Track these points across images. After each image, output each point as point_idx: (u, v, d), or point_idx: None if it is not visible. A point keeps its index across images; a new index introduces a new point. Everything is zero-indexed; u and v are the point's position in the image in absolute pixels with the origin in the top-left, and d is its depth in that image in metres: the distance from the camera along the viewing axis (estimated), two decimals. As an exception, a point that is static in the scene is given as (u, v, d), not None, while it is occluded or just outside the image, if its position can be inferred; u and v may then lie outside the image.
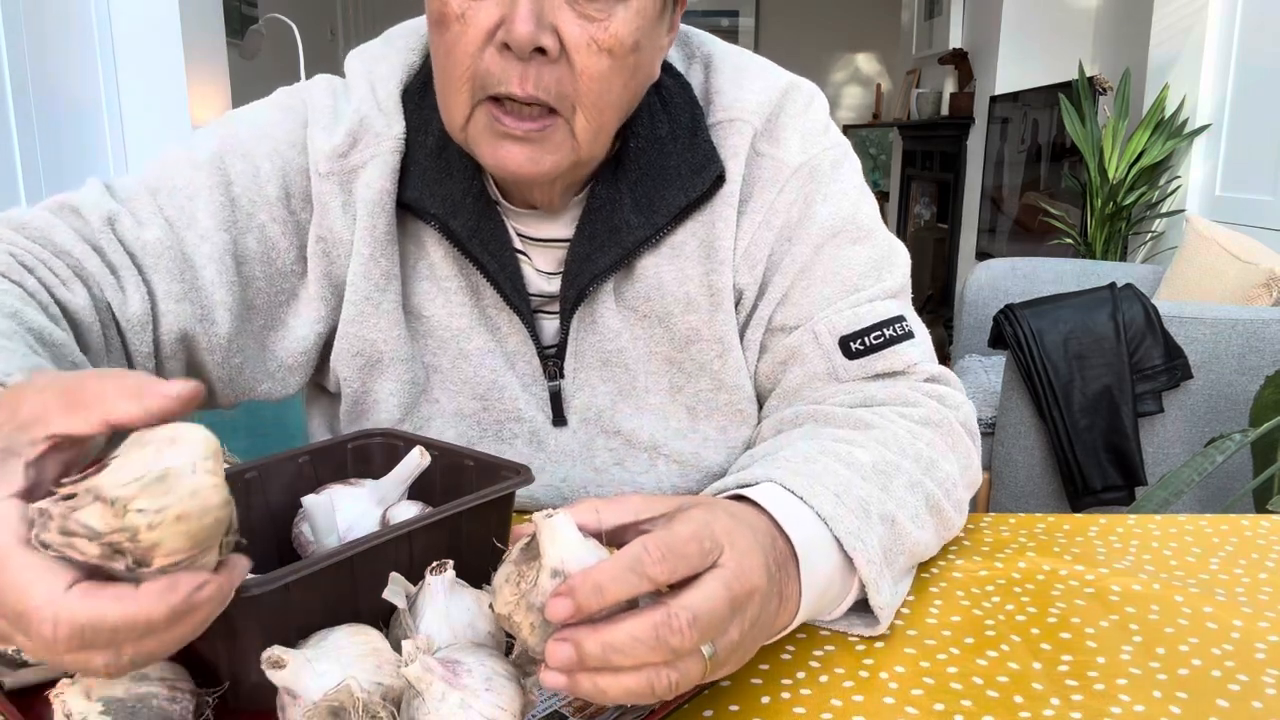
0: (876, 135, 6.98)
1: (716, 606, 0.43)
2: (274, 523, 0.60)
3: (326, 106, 0.75)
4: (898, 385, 0.73)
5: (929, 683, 0.52)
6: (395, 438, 0.65)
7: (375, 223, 0.73)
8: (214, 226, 0.72)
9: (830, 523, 0.55)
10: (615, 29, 0.63)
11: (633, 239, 0.72)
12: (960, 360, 2.67)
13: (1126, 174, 2.93)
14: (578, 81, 0.63)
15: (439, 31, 0.65)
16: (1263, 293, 2.05)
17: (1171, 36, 2.97)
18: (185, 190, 0.72)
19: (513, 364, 0.77)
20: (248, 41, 3.20)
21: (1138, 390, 1.88)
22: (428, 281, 0.76)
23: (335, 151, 0.73)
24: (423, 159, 0.73)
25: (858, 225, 0.75)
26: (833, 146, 0.77)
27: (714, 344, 0.75)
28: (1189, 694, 0.51)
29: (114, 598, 0.36)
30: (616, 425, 0.78)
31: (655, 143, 0.73)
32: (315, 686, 0.42)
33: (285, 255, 0.75)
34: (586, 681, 0.42)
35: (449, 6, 0.63)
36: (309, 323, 0.76)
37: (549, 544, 0.44)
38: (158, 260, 0.70)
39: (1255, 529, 0.74)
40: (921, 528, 0.62)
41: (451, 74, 0.65)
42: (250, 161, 0.74)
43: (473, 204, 0.73)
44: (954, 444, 0.70)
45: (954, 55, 4.57)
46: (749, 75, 0.76)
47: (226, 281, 0.72)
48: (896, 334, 0.73)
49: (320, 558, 0.47)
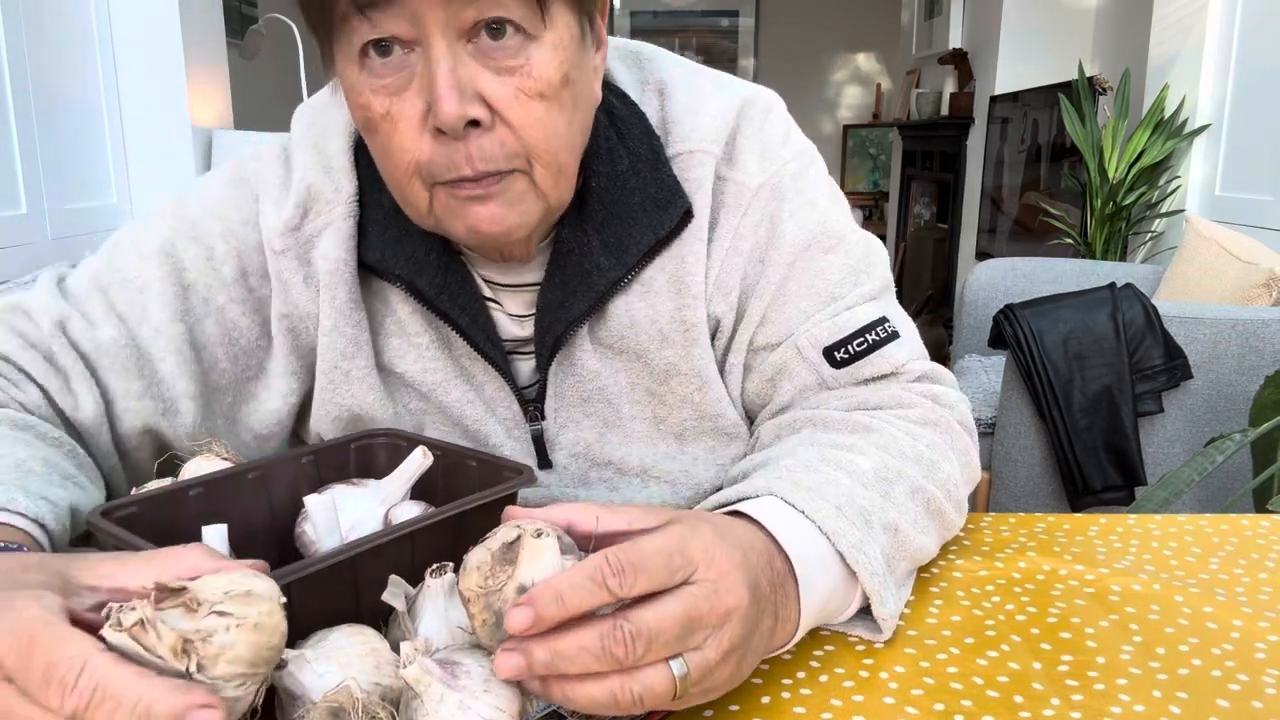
0: (876, 135, 6.98)
1: (665, 623, 0.43)
2: (276, 522, 0.60)
3: (276, 179, 0.74)
4: (890, 387, 0.72)
5: (929, 683, 0.52)
6: (398, 438, 0.65)
7: (335, 293, 0.72)
8: (168, 318, 0.71)
9: (833, 538, 0.55)
10: (538, 72, 0.60)
11: (604, 281, 0.71)
12: (960, 360, 2.67)
13: (1126, 174, 2.93)
14: (521, 137, 0.61)
15: (370, 135, 0.63)
16: (1263, 293, 2.05)
17: (1171, 36, 2.97)
18: (136, 283, 0.72)
19: (493, 410, 0.76)
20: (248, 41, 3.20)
21: (1138, 390, 1.88)
22: (398, 338, 0.75)
23: (287, 226, 0.72)
24: (380, 217, 0.72)
25: (828, 234, 0.74)
26: (793, 158, 0.75)
27: (692, 378, 0.74)
28: (1189, 694, 0.51)
29: (136, 673, 0.36)
30: (606, 456, 0.77)
31: (616, 179, 0.71)
32: (314, 687, 0.42)
33: (248, 333, 0.74)
34: (555, 689, 0.43)
35: (371, 110, 0.61)
36: (280, 395, 0.76)
37: (527, 560, 0.44)
38: (113, 360, 0.70)
39: (1255, 529, 0.74)
40: (923, 533, 0.62)
41: (397, 172, 0.63)
42: (203, 245, 0.73)
43: (437, 258, 0.71)
44: (953, 441, 0.70)
45: (954, 55, 4.57)
46: (703, 99, 0.74)
47: (187, 372, 0.72)
48: (880, 337, 0.73)
49: (321, 558, 0.47)
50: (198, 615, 0.38)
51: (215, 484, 0.58)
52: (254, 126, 3.06)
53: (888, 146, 6.86)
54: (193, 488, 0.57)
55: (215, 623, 0.37)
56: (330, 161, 0.72)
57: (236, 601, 0.38)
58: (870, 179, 7.07)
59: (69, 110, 2.33)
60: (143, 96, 2.55)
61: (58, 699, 0.35)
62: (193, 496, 0.57)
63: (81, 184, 2.39)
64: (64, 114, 2.30)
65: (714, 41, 6.96)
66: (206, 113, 2.69)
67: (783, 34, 6.91)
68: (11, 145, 2.08)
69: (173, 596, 0.38)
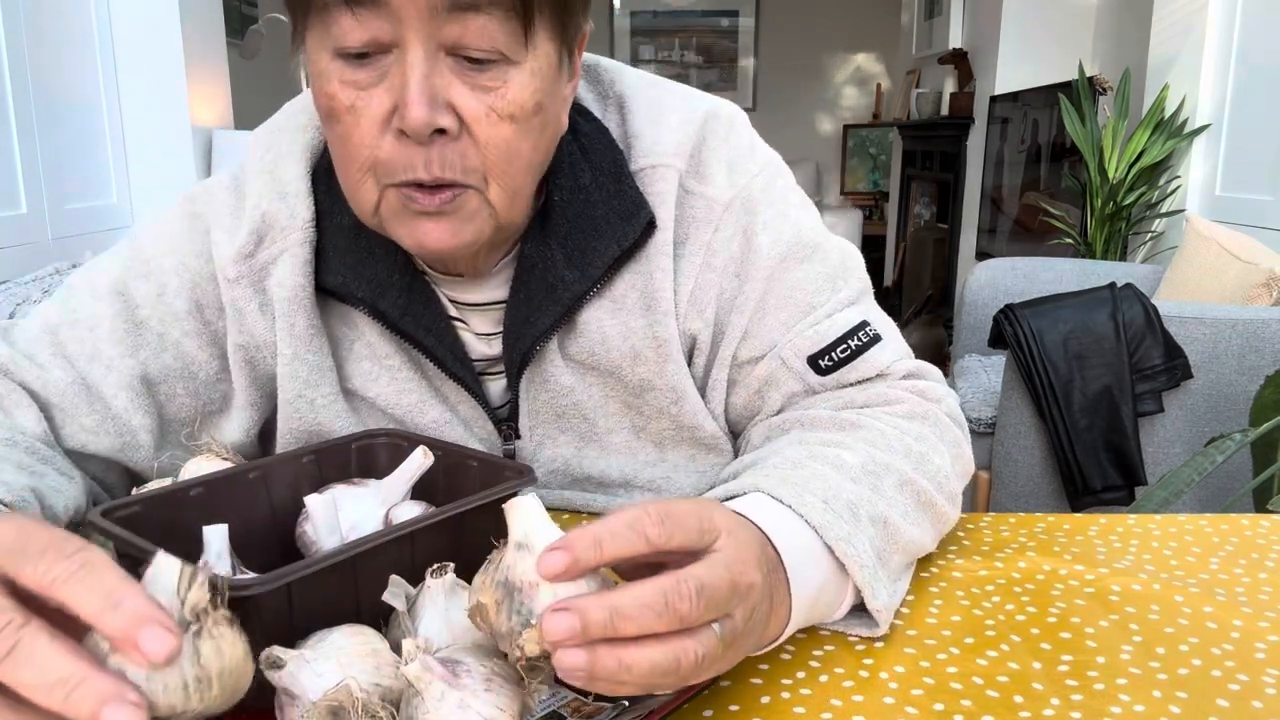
0: (876, 135, 6.98)
1: (720, 582, 0.43)
2: (277, 522, 0.60)
3: (226, 207, 0.73)
4: (876, 386, 0.73)
5: (929, 683, 0.52)
6: (399, 438, 0.65)
7: (294, 321, 0.71)
8: (119, 354, 0.71)
9: (820, 530, 0.55)
10: (513, 95, 0.60)
11: (569, 294, 0.70)
12: (960, 360, 2.67)
13: (1126, 174, 2.93)
14: (484, 153, 0.61)
15: (330, 124, 0.62)
16: (1263, 293, 2.05)
17: (1171, 36, 2.97)
18: (87, 322, 0.72)
19: (471, 430, 0.76)
20: (248, 41, 3.20)
21: (1138, 390, 1.88)
22: (368, 361, 0.74)
23: (240, 253, 0.71)
24: (341, 241, 0.71)
25: (802, 243, 0.73)
26: (761, 170, 0.74)
27: (667, 392, 0.74)
28: (1189, 694, 0.51)
29: (124, 574, 0.36)
30: (585, 471, 0.77)
31: (579, 193, 0.70)
32: (313, 687, 0.42)
33: (207, 367, 0.74)
34: (609, 657, 0.40)
35: (336, 101, 0.60)
36: (241, 428, 0.76)
37: (514, 522, 0.44)
38: (62, 398, 0.71)
39: (1255, 529, 0.74)
40: (915, 525, 0.62)
41: (350, 166, 0.62)
42: (154, 280, 0.73)
43: (399, 279, 0.71)
44: (942, 434, 0.70)
45: (954, 55, 4.57)
46: (664, 111, 0.73)
47: (141, 406, 0.72)
48: (863, 341, 0.73)
49: (321, 557, 0.47)
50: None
51: (216, 484, 0.58)
52: (254, 126, 3.06)
53: (888, 146, 6.86)
54: (193, 488, 0.57)
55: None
56: (286, 187, 0.71)
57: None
58: (870, 179, 7.08)
59: (69, 110, 2.33)
60: (143, 96, 2.55)
61: (47, 565, 0.36)
62: (193, 496, 0.57)
63: (81, 184, 2.39)
64: (64, 114, 2.30)
65: (714, 41, 6.95)
66: (206, 113, 2.69)
67: (783, 34, 6.91)
68: (11, 145, 2.08)
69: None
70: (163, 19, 2.52)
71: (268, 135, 0.75)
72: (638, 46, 6.85)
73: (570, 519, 0.75)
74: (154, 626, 0.35)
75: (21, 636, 0.35)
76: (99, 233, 2.40)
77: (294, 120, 0.74)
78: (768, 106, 6.90)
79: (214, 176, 0.77)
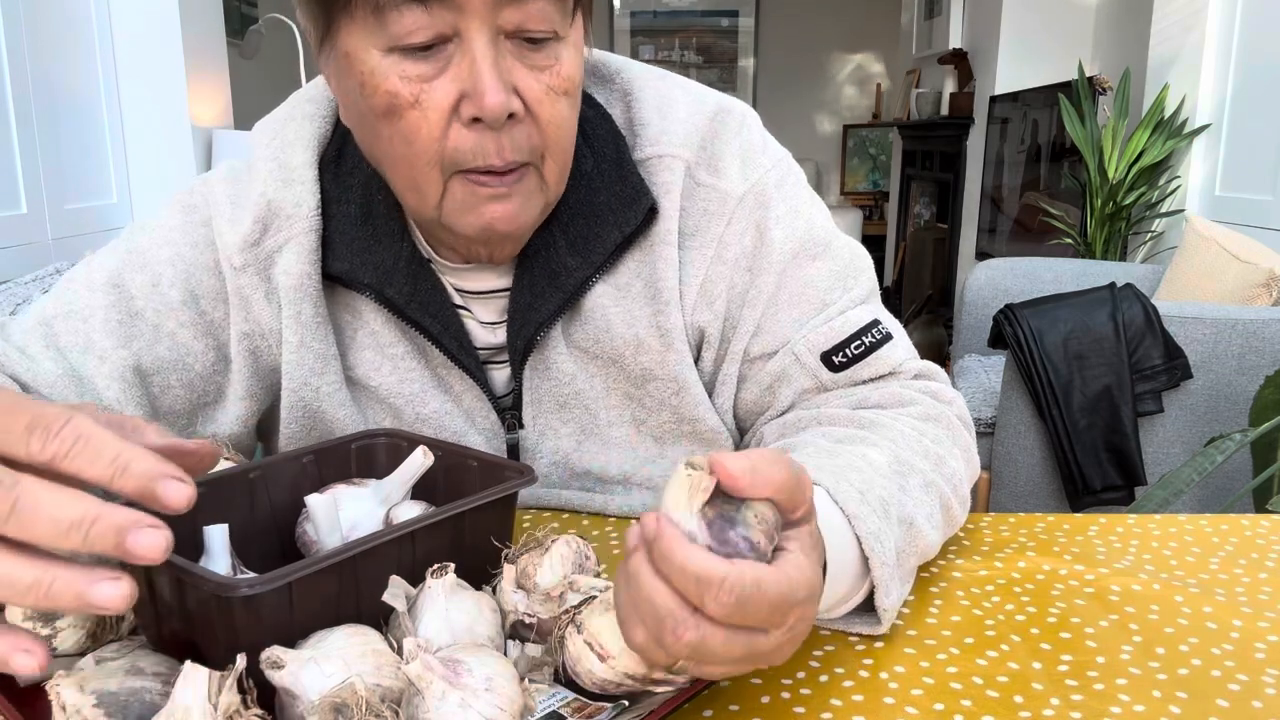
0: (876, 135, 6.98)
1: (783, 602, 0.42)
2: (277, 522, 0.60)
3: (227, 197, 0.73)
4: (889, 386, 0.73)
5: (929, 683, 0.52)
6: (399, 437, 0.65)
7: (300, 309, 0.71)
8: (112, 345, 0.71)
9: (854, 521, 0.54)
10: (566, 71, 0.62)
11: (572, 281, 0.71)
12: (960, 360, 2.67)
13: (1126, 174, 2.93)
14: (544, 132, 0.63)
15: (389, 121, 0.61)
16: (1263, 293, 2.05)
17: (1171, 36, 2.98)
18: (81, 314, 0.72)
19: (473, 420, 0.76)
20: (248, 41, 3.20)
21: (1137, 390, 1.88)
22: (371, 350, 0.74)
23: (246, 241, 0.71)
24: (347, 227, 0.71)
25: (814, 240, 0.74)
26: (774, 165, 0.75)
27: (669, 383, 0.74)
28: (1189, 694, 0.51)
29: (118, 435, 0.38)
30: (585, 466, 0.77)
31: (582, 179, 0.71)
32: (314, 687, 0.42)
33: (202, 359, 0.74)
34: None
35: (399, 97, 0.60)
36: (237, 419, 0.75)
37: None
38: (52, 390, 0.70)
39: (1255, 529, 0.74)
40: (935, 529, 0.62)
41: (417, 160, 0.62)
42: (149, 271, 0.73)
43: (405, 267, 0.71)
44: (955, 437, 0.70)
45: (954, 55, 4.57)
46: (672, 103, 0.74)
47: (133, 398, 0.72)
48: (875, 339, 0.73)
49: (321, 557, 0.47)
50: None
51: (215, 484, 0.58)
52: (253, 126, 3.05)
53: (888, 146, 6.86)
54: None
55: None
56: (292, 175, 0.71)
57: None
58: (870, 179, 7.08)
59: (69, 110, 2.33)
60: (143, 96, 2.55)
61: (39, 444, 0.36)
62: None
63: (81, 184, 2.39)
64: (64, 114, 2.30)
65: (714, 41, 6.96)
66: (206, 113, 2.69)
67: (783, 34, 6.91)
68: (11, 145, 2.08)
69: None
70: (163, 19, 2.52)
71: (273, 125, 0.75)
72: (637, 46, 6.85)
73: (568, 519, 0.75)
74: (168, 480, 0.37)
75: (19, 493, 0.36)
76: (99, 233, 2.40)
77: (300, 110, 0.75)
78: (768, 106, 6.89)
79: (210, 172, 0.77)
